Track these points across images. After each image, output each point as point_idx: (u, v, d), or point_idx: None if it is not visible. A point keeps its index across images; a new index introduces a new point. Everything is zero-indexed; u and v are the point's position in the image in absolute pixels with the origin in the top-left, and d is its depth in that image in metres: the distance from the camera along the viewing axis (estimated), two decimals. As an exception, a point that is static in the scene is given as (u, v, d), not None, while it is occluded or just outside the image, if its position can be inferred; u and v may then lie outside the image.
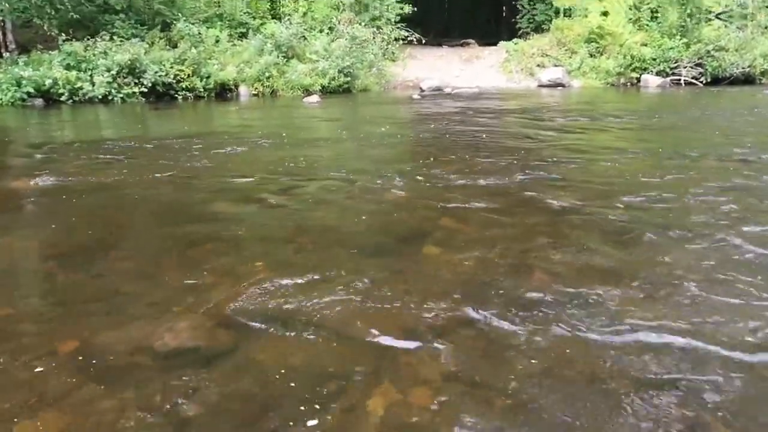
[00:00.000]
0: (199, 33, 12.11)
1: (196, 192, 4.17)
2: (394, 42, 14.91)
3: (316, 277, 2.46)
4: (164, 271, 2.61)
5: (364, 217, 3.49)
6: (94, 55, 10.90)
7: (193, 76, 11.51)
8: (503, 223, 3.34)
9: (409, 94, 12.89)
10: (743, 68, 15.38)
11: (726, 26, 16.28)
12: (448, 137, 6.63)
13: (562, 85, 14.54)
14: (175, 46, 11.82)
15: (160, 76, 11.14)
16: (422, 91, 13.39)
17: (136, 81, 10.99)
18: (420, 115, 9.09)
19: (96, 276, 2.58)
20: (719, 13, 16.61)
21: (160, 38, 12.03)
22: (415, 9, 15.90)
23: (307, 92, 12.30)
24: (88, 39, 11.21)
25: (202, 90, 11.63)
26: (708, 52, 15.34)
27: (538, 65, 15.40)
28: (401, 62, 14.96)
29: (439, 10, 21.18)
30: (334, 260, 2.67)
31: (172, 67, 11.30)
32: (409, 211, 3.61)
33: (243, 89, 12.26)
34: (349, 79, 13.00)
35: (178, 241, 3.11)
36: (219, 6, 13.54)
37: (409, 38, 15.24)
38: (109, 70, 10.71)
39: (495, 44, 17.25)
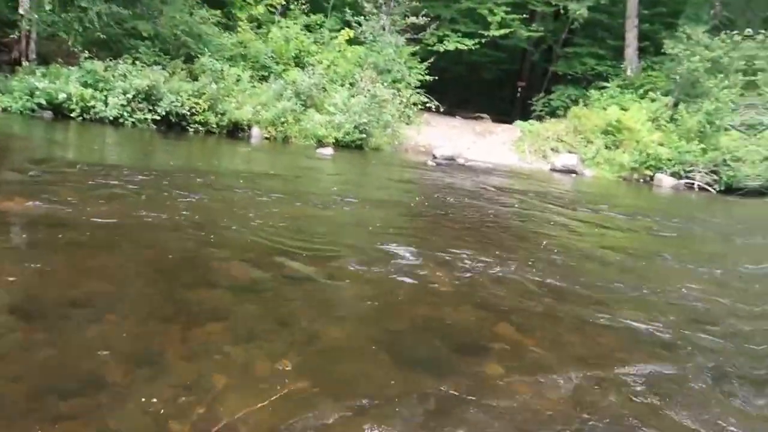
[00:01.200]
0: (221, 70, 12.60)
1: (199, 244, 3.91)
2: (412, 106, 15.51)
3: (363, 401, 2.06)
4: (157, 359, 2.21)
5: (403, 309, 3.23)
6: (113, 76, 11.29)
7: (208, 110, 11.89)
8: (565, 340, 3.01)
9: (421, 159, 13.28)
10: (759, 182, 15.92)
11: (744, 138, 17.01)
12: (471, 214, 6.74)
13: (575, 172, 15.01)
14: (195, 79, 12.28)
15: (175, 105, 11.50)
16: (435, 157, 13.79)
17: (151, 108, 11.33)
18: (436, 184, 9.29)
19: (63, 350, 2.13)
20: (739, 125, 17.41)
21: (182, 69, 12.51)
22: (436, 78, 16.66)
23: (320, 143, 12.66)
24: (111, 60, 11.66)
25: (215, 126, 11.97)
26: (724, 161, 15.93)
27: (552, 149, 15.94)
28: (416, 126, 15.49)
29: (456, 81, 22.13)
30: (378, 373, 2.32)
31: (188, 99, 11.69)
32: (454, 307, 3.33)
33: (256, 131, 12.61)
34: (363, 135, 13.41)
35: (177, 312, 2.71)
36: (245, 47, 14.16)
37: (427, 104, 15.87)
38: (125, 93, 11.06)
39: (508, 122, 17.93)
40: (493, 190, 9.36)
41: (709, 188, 15.72)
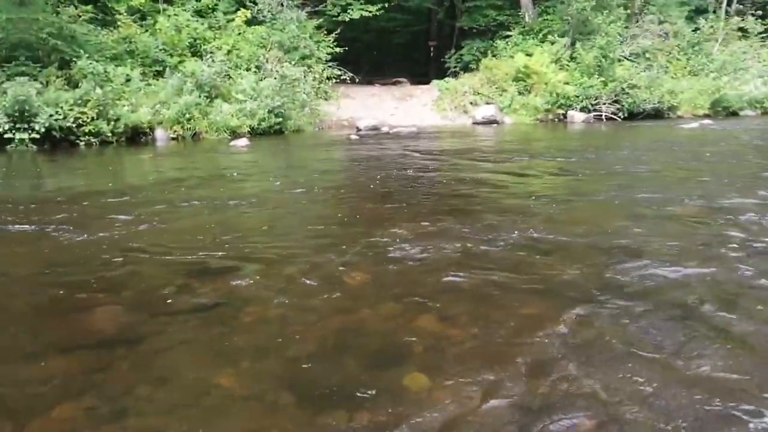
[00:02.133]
0: (105, 71, 9.93)
1: (60, 294, 2.44)
2: (327, 81, 13.40)
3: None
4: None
5: (316, 326, 2.13)
6: (-31, 95, 8.46)
7: (98, 119, 9.31)
8: (500, 318, 2.17)
9: (346, 134, 11.36)
10: (654, 104, 15.39)
11: (635, 66, 16.34)
12: (397, 186, 5.22)
13: (496, 122, 13.67)
14: (76, 86, 9.57)
15: (56, 119, 8.86)
16: (359, 130, 11.92)
17: (26, 126, 8.63)
18: (361, 159, 7.48)
19: None
20: (629, 55, 16.70)
21: (58, 77, 9.73)
22: (346, 48, 14.57)
23: (235, 134, 10.43)
24: (-36, 77, 8.76)
25: (110, 134, 9.44)
26: (623, 89, 15.21)
27: (471, 103, 14.49)
28: (335, 101, 13.45)
29: (368, 49, 20.08)
30: (279, 423, 1.55)
31: (71, 110, 9.06)
32: (372, 307, 2.30)
33: (160, 132, 10.16)
34: (280, 119, 11.27)
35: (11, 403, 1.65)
36: (130, 42, 11.39)
37: (341, 77, 13.79)
38: (-12, 114, 8.31)
39: (426, 83, 16.25)
40: (419, 154, 7.81)
41: (615, 117, 14.97)
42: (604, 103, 15.14)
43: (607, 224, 3.57)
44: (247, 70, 12.07)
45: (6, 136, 8.45)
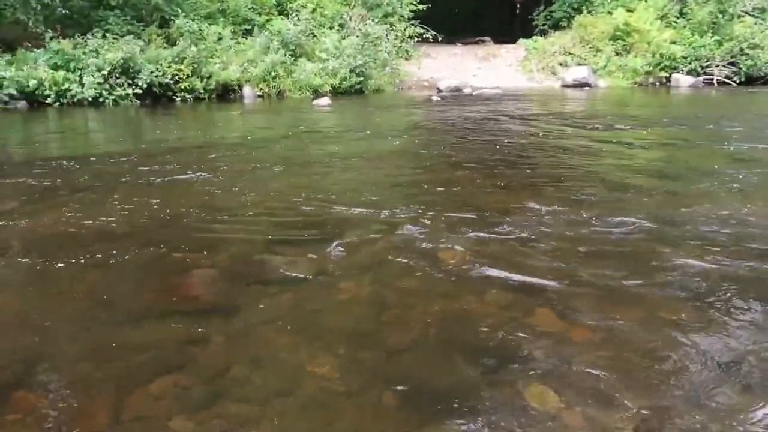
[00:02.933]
0: (200, 30, 10.56)
1: (157, 254, 2.49)
2: (408, 40, 13.31)
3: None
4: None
5: (414, 311, 1.94)
6: (84, 53, 9.40)
7: (192, 76, 10.00)
8: (631, 320, 1.86)
9: (426, 95, 11.32)
10: (779, 67, 13.74)
11: (758, 23, 14.59)
12: (486, 153, 4.98)
13: (588, 85, 12.92)
14: (174, 44, 10.31)
15: (156, 76, 9.64)
16: (440, 91, 11.82)
17: (130, 82, 9.49)
18: (444, 121, 7.40)
19: None
20: (751, 10, 14.91)
21: (158, 35, 10.51)
22: (429, 6, 14.30)
23: (317, 93, 10.78)
24: (80, 36, 9.72)
25: (202, 91, 10.13)
26: (741, 50, 13.70)
27: (561, 64, 13.76)
28: (416, 61, 13.37)
29: (453, 7, 19.50)
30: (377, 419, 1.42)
31: (169, 67, 9.79)
32: (477, 294, 2.05)
33: (247, 90, 10.73)
34: (361, 79, 11.44)
35: (105, 377, 1.59)
36: (222, 2, 11.96)
37: (423, 36, 13.62)
38: (99, 70, 9.21)
39: (511, 42, 15.61)
40: (506, 118, 7.55)
41: (729, 81, 13.58)
42: (717, 65, 13.77)
43: (738, 210, 3.04)
44: (330, 28, 12.28)
45: (115, 93, 9.34)
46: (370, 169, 4.32)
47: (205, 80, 10.15)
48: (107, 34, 9.87)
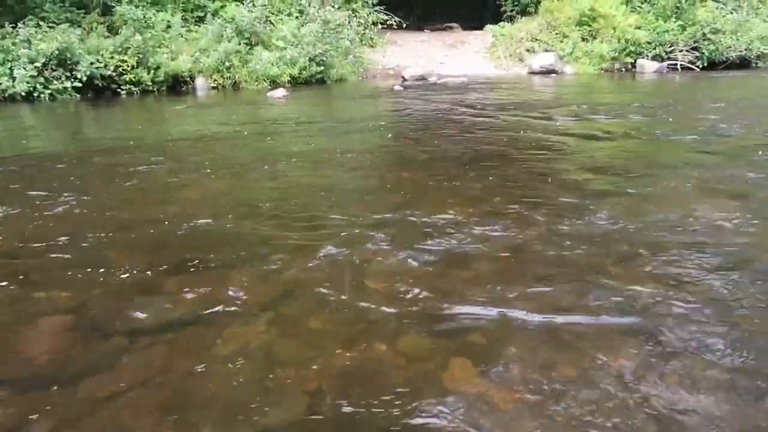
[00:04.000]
0: (145, 17, 9.98)
1: (18, 305, 1.95)
2: (372, 26, 12.97)
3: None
4: None
5: (314, 368, 1.54)
6: (14, 44, 8.74)
7: (138, 67, 9.44)
8: (571, 374, 1.49)
9: (391, 84, 11.02)
10: (740, 51, 14.01)
11: (720, 8, 14.84)
12: (441, 149, 4.67)
13: (555, 72, 12.86)
14: (117, 33, 9.72)
15: (97, 68, 9.06)
16: (404, 80, 11.56)
17: (68, 74, 8.89)
18: (405, 114, 7.03)
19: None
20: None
21: (100, 24, 9.90)
22: (394, -10, 14.00)
23: (274, 84, 10.36)
24: (10, 25, 9.05)
25: (150, 83, 9.58)
26: (704, 35, 13.90)
27: (528, 50, 13.66)
28: (380, 48, 13.05)
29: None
30: None
31: (112, 58, 9.21)
32: (390, 340, 1.67)
33: (200, 81, 10.23)
34: (322, 68, 11.06)
35: None
36: (172, -14, 11.37)
37: (388, 22, 13.31)
38: (32, 62, 8.57)
39: (480, 28, 15.46)
40: (468, 109, 7.22)
41: (693, 66, 13.77)
42: (681, 51, 13.94)
43: (703, 215, 2.77)
44: (289, 15, 11.84)
45: (52, 86, 8.73)
46: (307, 171, 3.93)
47: (152, 71, 9.60)
48: (41, 23, 9.22)
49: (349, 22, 11.95)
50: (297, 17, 11.71)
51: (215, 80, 10.26)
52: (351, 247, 2.38)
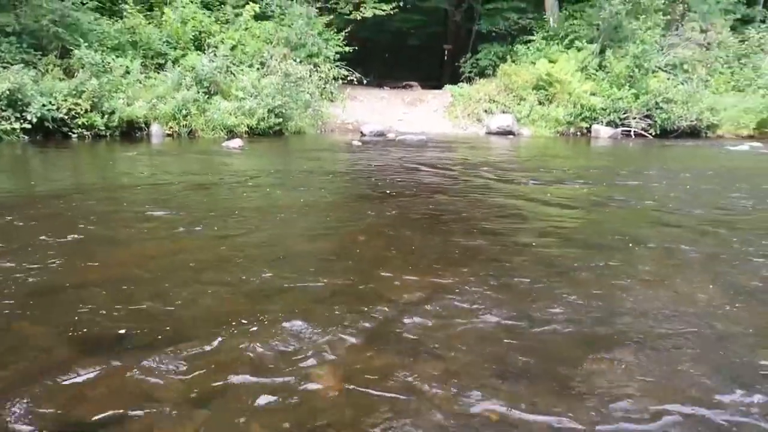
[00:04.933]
0: (103, 62, 10.39)
1: None
2: (333, 81, 13.70)
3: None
4: None
5: None
6: (-38, 83, 8.98)
7: (92, 111, 9.76)
8: None
9: (349, 139, 11.62)
10: (690, 121, 15.22)
11: (671, 79, 16.23)
12: (392, 210, 4.78)
13: (512, 133, 13.75)
14: (73, 77, 10.06)
15: (49, 110, 9.32)
16: (363, 135, 12.18)
17: (18, 115, 9.12)
18: (362, 171, 7.42)
19: None
20: (664, 66, 16.58)
21: (56, 66, 10.25)
22: (356, 48, 14.88)
23: (232, 134, 10.79)
24: (-38, 64, 9.31)
25: (103, 128, 9.88)
26: (657, 103, 15.12)
27: (486, 111, 14.61)
28: (340, 103, 13.74)
29: (381, 51, 20.41)
30: None
31: (65, 100, 9.52)
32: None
33: (155, 128, 10.58)
34: (280, 120, 11.60)
35: None
36: (133, 33, 11.89)
37: (349, 78, 14.08)
38: (-20, 102, 8.81)
39: (439, 88, 16.45)
40: (424, 168, 7.66)
41: (646, 134, 14.88)
42: (634, 118, 15.08)
43: (668, 298, 2.77)
44: (250, 66, 12.44)
45: (0, 127, 8.92)
46: (254, 230, 3.97)
47: (106, 116, 9.93)
48: (-5, 63, 9.51)
49: (310, 75, 12.63)
50: (258, 69, 12.31)
51: (171, 127, 10.63)
52: (299, 326, 2.28)
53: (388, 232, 4.02)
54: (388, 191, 5.76)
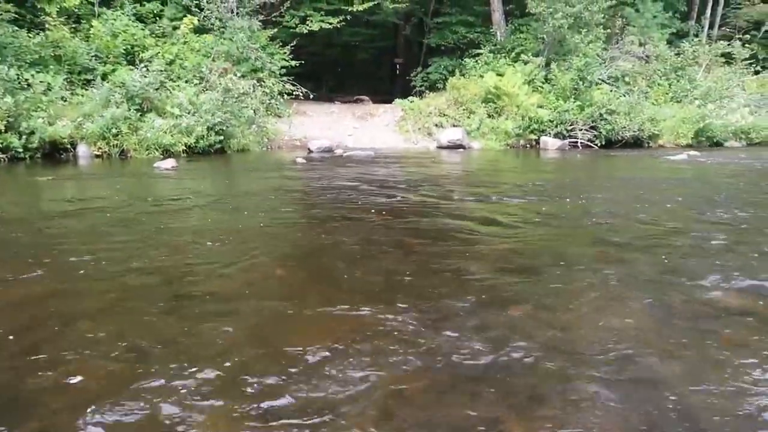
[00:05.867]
0: (19, 78, 9.48)
1: None
2: (279, 96, 13.13)
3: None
4: None
5: None
6: None
7: (7, 131, 8.84)
8: None
9: (295, 156, 11.05)
10: (633, 131, 15.49)
11: (614, 90, 16.52)
12: (338, 236, 4.40)
13: (462, 147, 13.54)
14: (-15, 94, 9.10)
15: (-45, 131, 8.37)
16: (310, 152, 11.65)
17: None
18: (300, 191, 6.90)
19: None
20: (607, 78, 16.89)
21: (-35, 83, 9.26)
22: (303, 62, 14.38)
23: (168, 153, 10.04)
24: None
25: (21, 150, 8.96)
26: (601, 115, 15.30)
27: (436, 125, 14.37)
28: (287, 119, 13.17)
29: (331, 65, 20.03)
30: None
31: (-25, 121, 8.57)
32: None
33: (82, 149, 9.72)
34: (221, 138, 10.93)
35: None
36: (57, 47, 10.98)
37: (295, 93, 13.54)
38: None
39: (390, 102, 16.15)
40: (369, 187, 7.11)
41: (592, 144, 15.01)
42: (581, 129, 15.21)
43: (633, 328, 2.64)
44: (187, 82, 11.73)
45: None
46: (142, 267, 3.45)
47: (25, 137, 9.01)
48: None
49: (254, 90, 12.02)
50: (197, 84, 11.62)
51: (99, 148, 9.81)
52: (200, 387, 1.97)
53: (315, 263, 3.68)
54: (322, 214, 5.33)
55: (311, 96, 14.02)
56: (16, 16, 11.04)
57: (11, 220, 4.91)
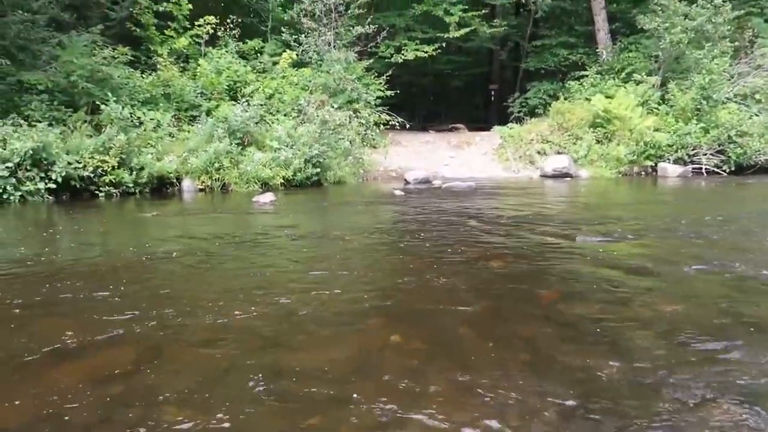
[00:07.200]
0: (132, 116, 9.84)
1: None
2: (374, 127, 12.82)
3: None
4: None
5: None
6: (-12, 143, 8.50)
7: (120, 168, 9.12)
8: None
9: (392, 187, 10.56)
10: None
11: (743, 110, 14.58)
12: (451, 289, 3.72)
13: (569, 176, 12.40)
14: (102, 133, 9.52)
15: (75, 168, 8.72)
16: (407, 183, 11.12)
17: (43, 175, 8.54)
18: (402, 229, 6.20)
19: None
20: (734, 96, 14.97)
21: (85, 122, 9.75)
22: (398, 91, 14.05)
23: (267, 186, 9.95)
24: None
25: (132, 185, 9.21)
26: (730, 137, 13.50)
27: (539, 152, 13.35)
28: (383, 149, 12.80)
29: (424, 94, 19.68)
30: None
31: (92, 158, 8.91)
32: None
33: (187, 183, 9.87)
34: (318, 170, 10.71)
35: None
36: (168, 86, 11.42)
37: (391, 123, 13.18)
38: (4, 162, 8.27)
39: (486, 129, 15.35)
40: (475, 223, 6.38)
41: (719, 170, 13.22)
42: (705, 154, 13.50)
43: None
44: (286, 115, 11.73)
45: (24, 187, 8.35)
46: (247, 338, 2.91)
47: (135, 173, 9.27)
48: (23, 121, 9.06)
49: (350, 122, 11.78)
50: (294, 117, 11.57)
51: (203, 182, 9.90)
52: None
53: (425, 328, 2.98)
54: (427, 260, 4.58)
55: (407, 126, 13.60)
56: (132, 58, 11.65)
57: (132, 260, 4.70)
